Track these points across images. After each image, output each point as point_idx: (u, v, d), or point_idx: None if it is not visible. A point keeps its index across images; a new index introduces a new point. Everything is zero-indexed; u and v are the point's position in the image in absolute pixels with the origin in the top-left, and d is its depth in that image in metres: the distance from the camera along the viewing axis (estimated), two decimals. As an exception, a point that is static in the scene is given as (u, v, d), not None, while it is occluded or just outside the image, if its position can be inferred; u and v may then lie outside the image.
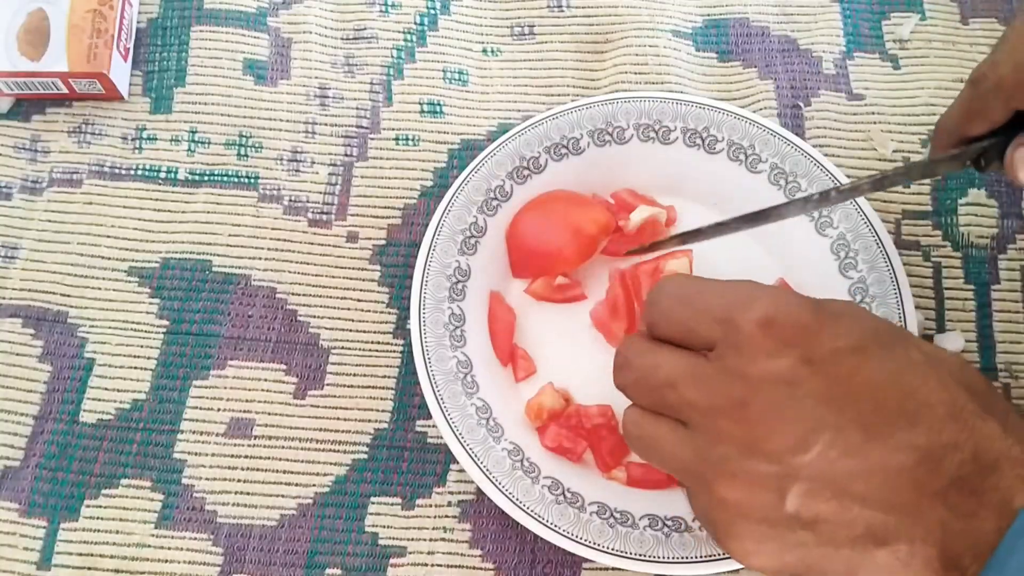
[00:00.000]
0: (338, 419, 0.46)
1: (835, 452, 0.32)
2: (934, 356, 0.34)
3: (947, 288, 0.50)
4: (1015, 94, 0.39)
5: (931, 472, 0.32)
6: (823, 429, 0.32)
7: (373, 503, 0.45)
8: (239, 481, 0.45)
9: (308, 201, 0.51)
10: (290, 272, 0.49)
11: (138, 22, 0.54)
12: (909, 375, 0.33)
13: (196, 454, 0.46)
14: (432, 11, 0.56)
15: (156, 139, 0.52)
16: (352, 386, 0.47)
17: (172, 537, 0.44)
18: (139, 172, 0.51)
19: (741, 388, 0.34)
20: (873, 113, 0.53)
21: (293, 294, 0.49)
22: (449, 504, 0.45)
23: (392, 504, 0.45)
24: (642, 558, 0.41)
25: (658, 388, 0.36)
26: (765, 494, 0.33)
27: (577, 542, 0.41)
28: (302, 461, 0.46)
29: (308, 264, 0.49)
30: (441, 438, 0.45)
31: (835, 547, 0.33)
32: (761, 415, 0.33)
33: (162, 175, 0.51)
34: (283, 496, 0.45)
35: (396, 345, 0.48)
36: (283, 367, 0.47)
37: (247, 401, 0.47)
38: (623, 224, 0.48)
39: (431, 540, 0.44)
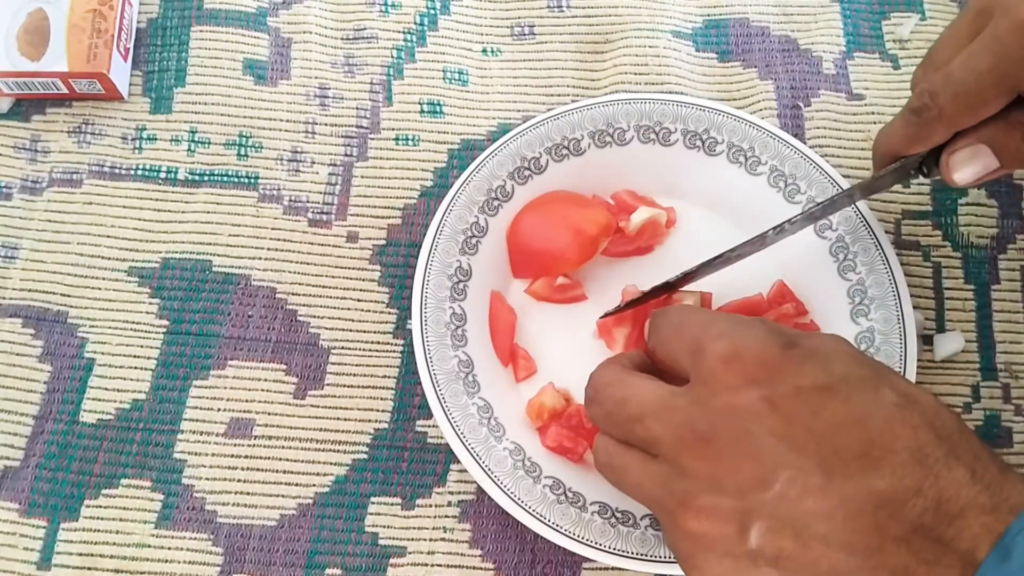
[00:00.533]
0: (338, 419, 0.46)
1: (795, 491, 0.32)
2: (909, 398, 0.34)
3: (947, 288, 0.50)
4: (955, 122, 0.40)
5: (892, 516, 0.32)
6: (783, 467, 0.33)
7: (373, 503, 0.45)
8: (239, 481, 0.45)
9: (308, 201, 0.51)
10: (290, 272, 0.49)
11: (138, 22, 0.54)
12: (876, 418, 0.33)
13: (196, 454, 0.46)
14: (432, 11, 0.56)
15: (156, 139, 0.52)
16: (352, 386, 0.47)
17: (172, 537, 0.44)
18: (139, 172, 0.51)
19: (704, 422, 0.34)
20: (873, 113, 0.53)
21: (293, 294, 0.49)
22: (449, 504, 0.45)
23: (392, 504, 0.45)
24: (643, 558, 0.41)
25: (626, 422, 0.37)
26: (728, 528, 0.33)
27: (579, 542, 0.41)
28: (302, 461, 0.46)
29: (308, 264, 0.49)
30: (441, 438, 0.45)
31: None
32: (723, 450, 0.34)
33: (162, 175, 0.51)
34: (283, 496, 0.45)
35: (396, 345, 0.48)
36: (283, 367, 0.47)
37: (247, 401, 0.47)
38: (623, 225, 0.48)
39: (431, 540, 0.44)
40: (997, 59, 0.38)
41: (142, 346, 0.48)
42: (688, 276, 0.45)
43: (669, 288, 0.46)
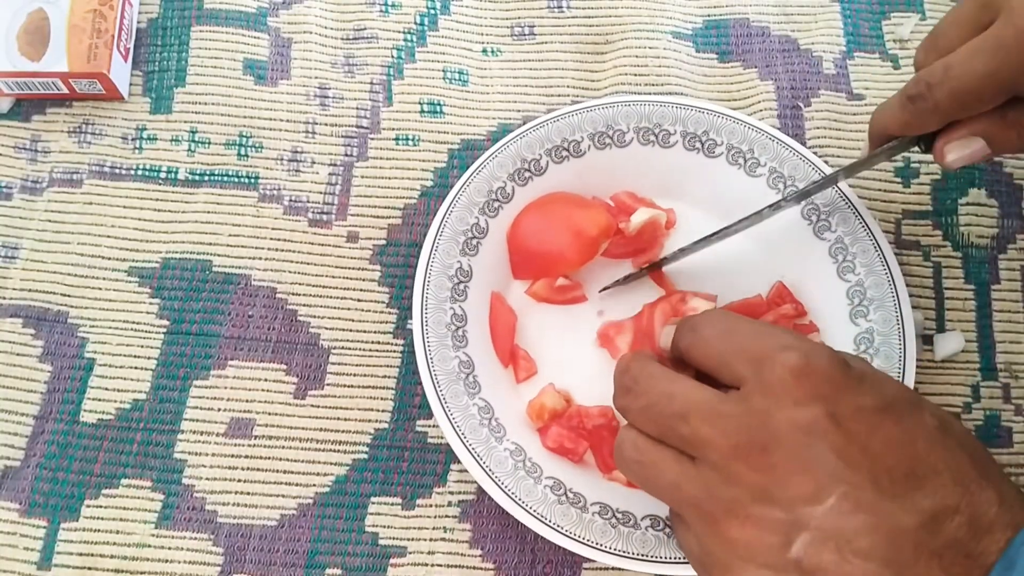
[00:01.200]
0: (338, 419, 0.47)
1: (847, 506, 0.33)
2: (945, 423, 0.35)
3: (947, 288, 0.50)
4: (948, 115, 0.41)
5: (931, 533, 0.32)
6: (839, 483, 0.33)
7: (373, 503, 0.45)
8: (239, 481, 0.45)
9: (308, 201, 0.51)
10: (290, 272, 0.49)
11: (138, 22, 0.54)
12: (922, 440, 0.34)
13: (196, 454, 0.46)
14: (432, 11, 0.56)
15: (156, 139, 0.52)
16: (352, 386, 0.47)
17: (172, 537, 0.44)
18: (139, 172, 0.51)
19: (764, 432, 0.34)
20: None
21: (293, 294, 0.49)
22: (449, 504, 0.45)
23: (392, 504, 0.45)
24: (644, 558, 0.41)
25: (669, 418, 0.36)
26: (772, 538, 0.33)
27: (580, 542, 0.41)
28: (302, 461, 0.46)
29: (308, 264, 0.50)
30: (442, 438, 0.45)
31: None
32: (780, 462, 0.34)
33: (162, 175, 0.51)
34: (283, 496, 0.45)
35: (396, 345, 0.48)
36: (283, 367, 0.47)
37: (247, 401, 0.47)
38: (623, 227, 0.48)
39: (431, 540, 0.44)
40: (998, 64, 0.38)
41: (142, 346, 0.48)
42: (683, 251, 0.47)
43: (665, 263, 0.47)
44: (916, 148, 0.44)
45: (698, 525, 0.36)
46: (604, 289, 0.48)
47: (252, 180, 0.51)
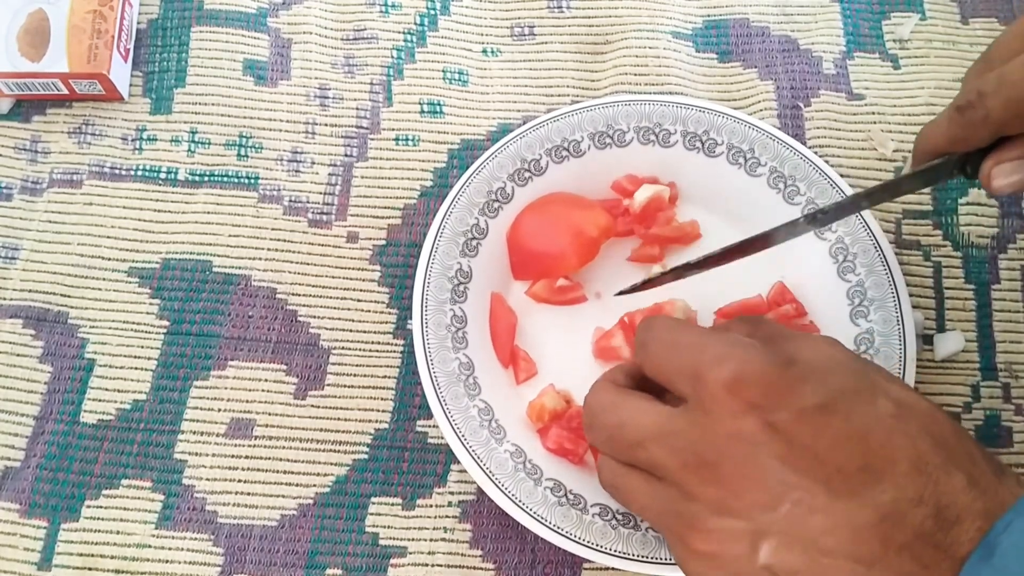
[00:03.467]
0: (338, 419, 0.47)
1: (802, 510, 0.33)
2: (904, 405, 0.34)
3: (947, 288, 0.50)
4: (1002, 127, 0.38)
5: (896, 526, 0.32)
6: (790, 489, 0.33)
7: (373, 503, 0.45)
8: (240, 481, 0.45)
9: (308, 201, 0.51)
10: (290, 272, 0.49)
11: (138, 23, 0.54)
12: (875, 431, 0.33)
13: (197, 454, 0.46)
14: (432, 11, 0.55)
15: (156, 139, 0.52)
16: (352, 386, 0.47)
17: (173, 537, 0.44)
18: (139, 172, 0.51)
19: (708, 448, 0.34)
20: (873, 113, 0.53)
21: (293, 294, 0.49)
22: (449, 504, 0.45)
23: (392, 504, 0.45)
24: (644, 559, 0.41)
25: (627, 447, 0.37)
26: (738, 547, 0.34)
27: (580, 543, 0.41)
28: (302, 461, 0.46)
29: (308, 264, 0.50)
30: (442, 438, 0.45)
31: None
32: (729, 474, 0.34)
33: (162, 175, 0.51)
34: (283, 496, 0.45)
35: (396, 345, 0.48)
36: (283, 367, 0.47)
37: (247, 401, 0.47)
38: (627, 204, 0.48)
39: (431, 540, 0.44)
40: None
41: (142, 346, 0.48)
42: (712, 259, 0.42)
43: (692, 268, 0.43)
44: (963, 175, 0.40)
45: (671, 541, 0.36)
46: (620, 293, 0.46)
47: (252, 180, 0.51)
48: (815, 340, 0.38)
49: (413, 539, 0.45)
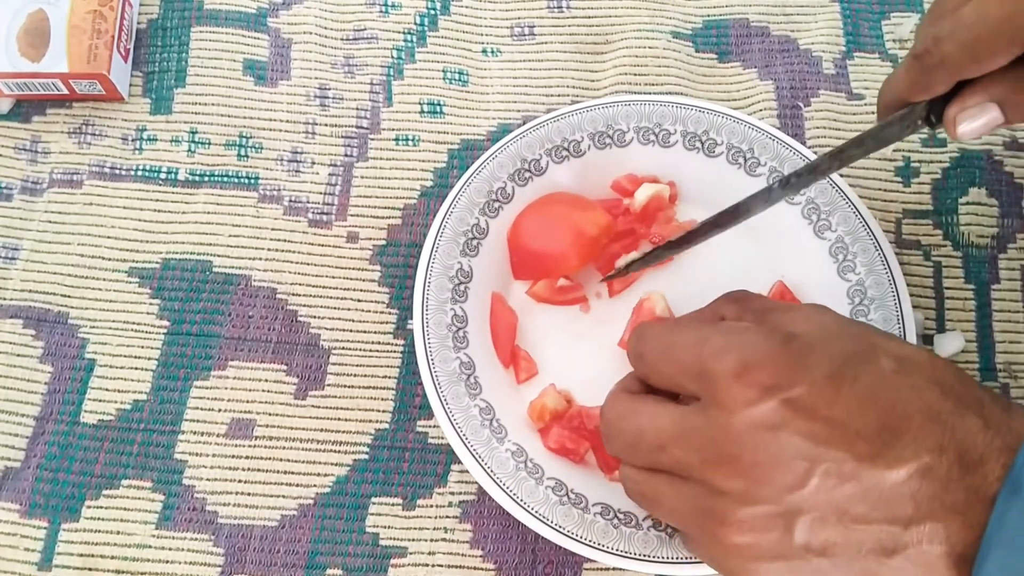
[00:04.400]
0: (339, 419, 0.47)
1: (831, 482, 0.33)
2: (905, 359, 0.35)
3: (947, 288, 0.50)
4: (959, 70, 0.38)
5: (923, 479, 0.32)
6: (816, 463, 0.33)
7: (374, 503, 0.45)
8: (240, 482, 0.45)
9: (308, 201, 0.51)
10: (290, 272, 0.49)
11: (138, 23, 0.54)
12: (883, 390, 0.34)
13: (197, 455, 0.46)
14: (432, 11, 0.56)
15: (156, 140, 0.52)
16: (353, 386, 0.47)
17: (173, 538, 0.44)
18: (139, 173, 0.51)
19: (728, 441, 0.34)
20: (873, 113, 0.53)
21: (293, 294, 0.49)
22: (450, 504, 0.45)
23: (393, 504, 0.45)
24: (646, 559, 0.41)
25: (648, 453, 0.37)
26: (773, 533, 0.34)
27: (582, 543, 0.41)
28: (303, 461, 0.46)
29: (308, 264, 0.50)
30: (442, 438, 0.45)
31: (850, 566, 0.34)
32: (754, 464, 0.34)
33: (162, 176, 0.51)
34: (284, 496, 0.45)
35: (397, 345, 0.48)
36: (284, 367, 0.47)
37: (248, 402, 0.47)
38: (628, 203, 0.48)
39: (432, 540, 0.44)
40: (1013, 7, 0.35)
41: (143, 347, 0.48)
42: (692, 235, 0.44)
43: (674, 247, 0.45)
44: (928, 126, 0.40)
45: (704, 539, 0.36)
46: (607, 277, 0.47)
47: (252, 180, 0.51)
48: (806, 310, 0.38)
49: (413, 539, 0.44)
